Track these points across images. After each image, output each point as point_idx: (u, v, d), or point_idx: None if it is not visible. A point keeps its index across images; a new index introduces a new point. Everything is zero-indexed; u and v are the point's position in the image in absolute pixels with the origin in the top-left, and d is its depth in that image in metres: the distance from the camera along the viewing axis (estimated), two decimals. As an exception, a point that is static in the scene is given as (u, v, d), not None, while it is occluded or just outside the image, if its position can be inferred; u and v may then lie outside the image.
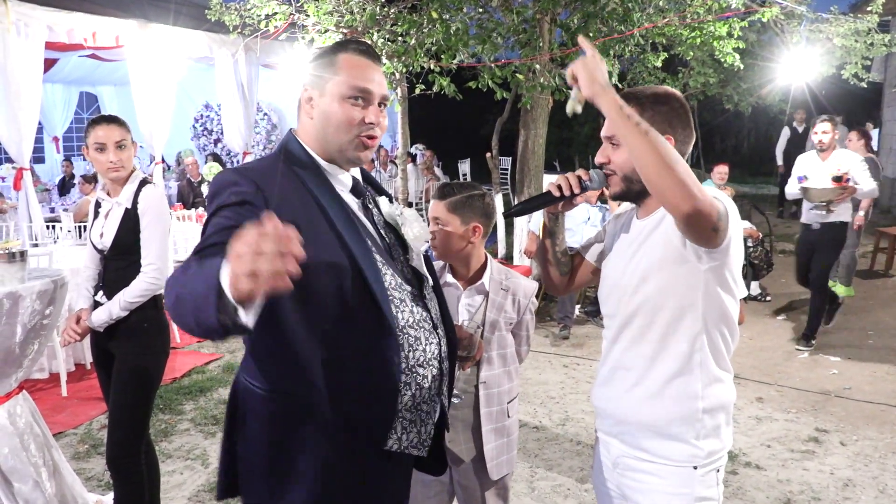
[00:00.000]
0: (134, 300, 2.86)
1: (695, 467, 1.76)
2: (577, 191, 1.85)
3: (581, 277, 2.11)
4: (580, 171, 1.87)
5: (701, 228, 1.57)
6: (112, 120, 2.93)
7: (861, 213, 7.25)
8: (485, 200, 2.34)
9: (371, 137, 1.67)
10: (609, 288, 1.92)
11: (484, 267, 2.39)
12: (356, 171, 1.78)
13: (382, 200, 1.81)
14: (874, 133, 13.30)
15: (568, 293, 2.27)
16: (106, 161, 2.88)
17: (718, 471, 1.80)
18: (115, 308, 2.85)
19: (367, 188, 1.82)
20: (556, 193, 1.86)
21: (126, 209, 2.93)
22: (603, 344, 1.96)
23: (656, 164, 1.51)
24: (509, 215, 1.99)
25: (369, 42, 6.32)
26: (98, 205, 3.05)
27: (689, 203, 1.50)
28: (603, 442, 1.97)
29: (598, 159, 1.85)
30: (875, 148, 13.11)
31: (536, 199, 1.95)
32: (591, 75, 1.61)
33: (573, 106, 1.72)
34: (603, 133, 1.84)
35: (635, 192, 1.82)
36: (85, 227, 6.67)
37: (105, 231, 2.95)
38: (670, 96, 1.81)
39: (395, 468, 1.78)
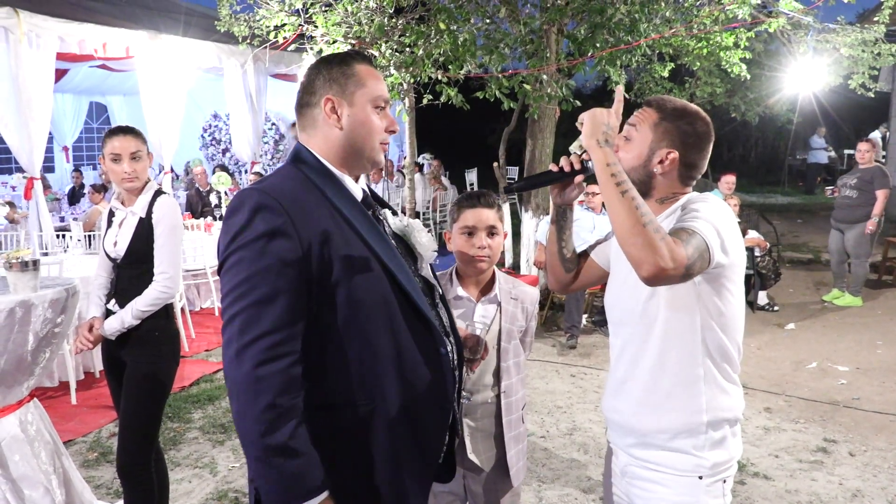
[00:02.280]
0: (146, 309, 2.89)
1: (700, 477, 1.77)
2: (577, 167, 1.84)
3: (586, 277, 2.12)
4: (585, 154, 1.86)
5: (664, 283, 1.59)
6: (128, 131, 2.97)
7: (875, 217, 7.25)
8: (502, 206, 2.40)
9: (385, 142, 1.76)
10: (613, 296, 1.94)
11: (493, 277, 2.41)
12: (363, 184, 1.81)
13: (387, 213, 1.83)
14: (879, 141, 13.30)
15: (571, 292, 2.30)
16: (121, 171, 2.92)
17: (725, 481, 1.81)
18: (127, 316, 2.88)
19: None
20: (556, 170, 1.86)
21: (140, 218, 2.97)
22: (611, 353, 1.98)
23: (626, 225, 1.54)
24: (510, 190, 2.00)
25: (377, 53, 6.37)
26: (112, 214, 3.08)
27: (648, 269, 1.52)
28: (613, 451, 1.99)
29: None
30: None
31: (538, 176, 1.97)
32: (593, 129, 1.68)
33: (576, 146, 1.81)
34: (629, 122, 1.85)
35: None
36: (94, 236, 6.73)
37: (119, 240, 2.98)
38: (696, 117, 1.82)
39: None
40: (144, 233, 2.96)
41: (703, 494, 1.77)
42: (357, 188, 1.74)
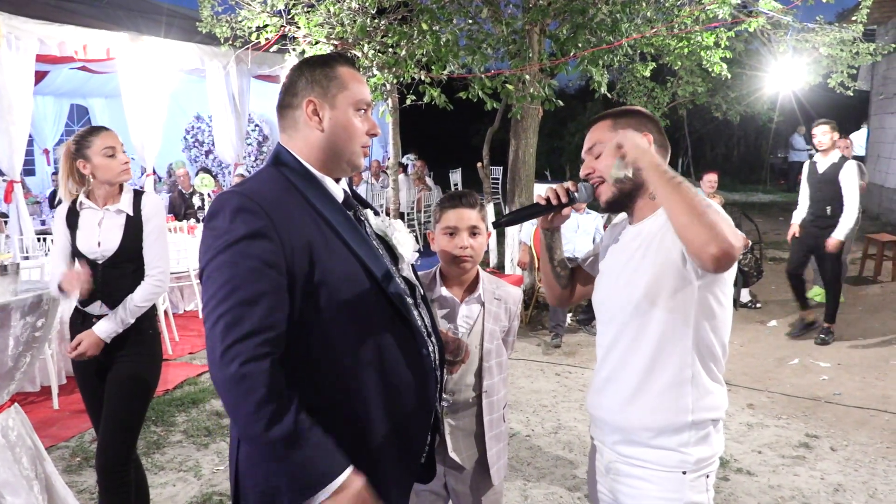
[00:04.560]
0: (143, 304, 2.92)
1: (684, 472, 1.79)
2: (564, 200, 1.90)
3: (583, 289, 2.17)
4: (568, 183, 1.91)
5: (726, 266, 1.58)
6: (108, 128, 2.98)
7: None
8: (485, 206, 2.42)
9: (366, 146, 1.76)
10: (603, 294, 1.96)
11: (477, 277, 2.42)
12: (344, 185, 1.81)
13: (368, 213, 1.84)
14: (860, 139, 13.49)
15: (570, 305, 2.34)
16: (119, 163, 2.92)
17: (708, 476, 1.83)
18: (125, 315, 2.88)
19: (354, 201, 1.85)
20: (543, 203, 1.91)
21: (128, 216, 2.96)
22: (598, 351, 1.99)
23: (687, 209, 1.57)
24: (498, 225, 2.00)
25: (360, 53, 6.36)
26: (75, 213, 2.98)
27: (717, 246, 1.52)
28: (597, 448, 2.01)
29: (584, 172, 1.92)
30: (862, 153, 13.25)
31: (525, 209, 1.98)
32: (633, 142, 1.74)
33: (619, 172, 1.83)
34: (586, 149, 1.92)
35: (626, 195, 1.88)
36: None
37: (103, 240, 2.94)
38: (638, 110, 1.95)
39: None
40: (134, 230, 2.96)
41: (687, 490, 1.79)
42: (338, 189, 1.74)
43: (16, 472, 2.92)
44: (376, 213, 1.85)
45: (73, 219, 2.99)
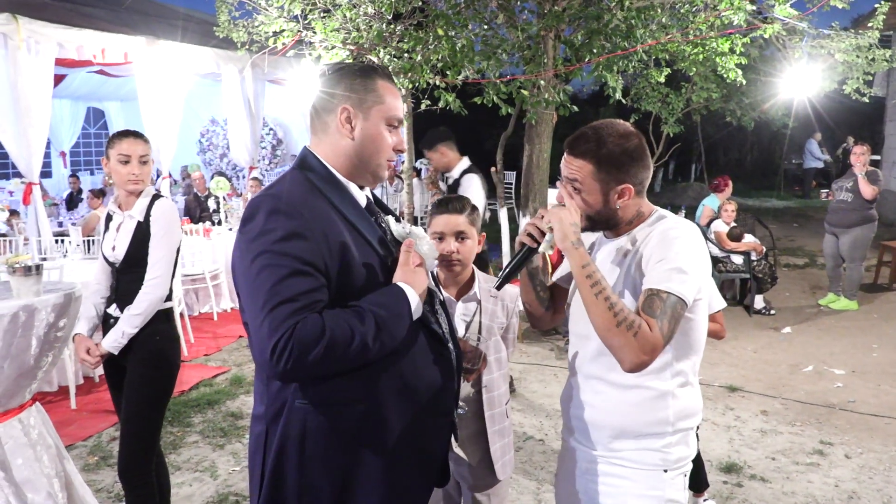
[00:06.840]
0: (139, 313, 2.91)
1: (665, 470, 1.85)
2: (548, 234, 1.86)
3: (563, 306, 2.16)
4: (541, 211, 1.87)
5: (646, 368, 1.71)
6: (138, 135, 3.04)
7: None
8: (478, 210, 2.49)
9: (391, 160, 1.80)
10: (580, 308, 1.91)
11: (473, 277, 2.49)
12: (367, 191, 1.84)
13: (390, 219, 1.86)
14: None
15: (552, 325, 2.34)
16: (128, 173, 2.96)
17: (685, 475, 1.90)
18: (126, 327, 2.90)
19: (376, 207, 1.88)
20: (531, 244, 1.88)
21: (138, 222, 3.00)
22: (574, 360, 2.01)
23: (602, 325, 1.69)
24: (501, 286, 1.96)
25: (376, 59, 6.40)
26: (109, 218, 3.12)
27: (628, 365, 1.68)
28: (571, 448, 2.03)
29: (559, 199, 1.90)
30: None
31: (516, 258, 1.92)
32: (564, 233, 1.77)
33: (546, 248, 1.86)
34: (566, 175, 1.86)
35: (601, 226, 1.92)
36: (93, 240, 6.74)
37: (117, 244, 3.02)
38: (625, 136, 1.83)
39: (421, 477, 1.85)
40: (142, 236, 2.99)
41: (668, 487, 1.86)
42: (361, 195, 1.77)
43: (36, 470, 2.96)
44: (397, 220, 1.87)
45: (107, 222, 3.12)
